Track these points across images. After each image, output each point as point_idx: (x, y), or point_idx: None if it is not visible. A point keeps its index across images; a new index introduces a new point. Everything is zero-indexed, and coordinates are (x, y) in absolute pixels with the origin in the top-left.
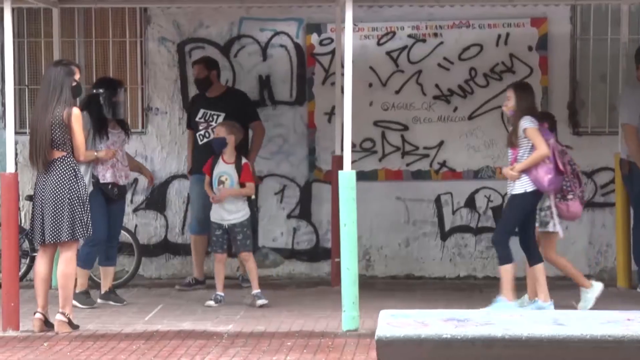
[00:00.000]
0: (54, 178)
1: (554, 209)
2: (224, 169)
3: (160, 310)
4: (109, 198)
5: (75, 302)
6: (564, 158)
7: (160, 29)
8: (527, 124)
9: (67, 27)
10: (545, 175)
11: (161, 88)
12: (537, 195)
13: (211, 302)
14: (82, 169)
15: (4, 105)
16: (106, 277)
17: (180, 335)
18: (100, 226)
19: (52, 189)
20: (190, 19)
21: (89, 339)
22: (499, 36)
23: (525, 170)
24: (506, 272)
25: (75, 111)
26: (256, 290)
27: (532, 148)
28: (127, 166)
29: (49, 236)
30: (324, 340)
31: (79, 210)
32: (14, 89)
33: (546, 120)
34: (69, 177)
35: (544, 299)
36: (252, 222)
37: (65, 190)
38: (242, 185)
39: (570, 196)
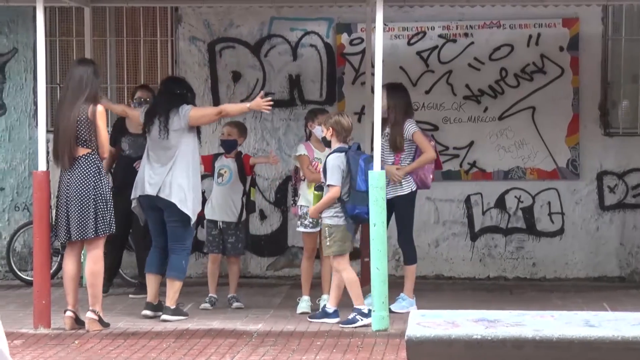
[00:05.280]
0: (78, 175)
1: None
2: (224, 163)
3: (189, 309)
4: None
5: (175, 317)
6: None
7: (191, 28)
8: (414, 128)
9: (99, 26)
10: (429, 175)
11: None
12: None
13: (207, 305)
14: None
15: (36, 103)
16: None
17: (210, 333)
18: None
19: (77, 186)
20: (221, 18)
21: (119, 337)
22: (530, 36)
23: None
24: (412, 272)
25: (100, 108)
26: (232, 294)
27: (417, 150)
28: None
29: (74, 233)
30: (354, 339)
31: (102, 207)
32: (46, 87)
33: None
34: (94, 174)
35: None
36: (246, 223)
37: (90, 187)
38: (243, 178)
39: None
